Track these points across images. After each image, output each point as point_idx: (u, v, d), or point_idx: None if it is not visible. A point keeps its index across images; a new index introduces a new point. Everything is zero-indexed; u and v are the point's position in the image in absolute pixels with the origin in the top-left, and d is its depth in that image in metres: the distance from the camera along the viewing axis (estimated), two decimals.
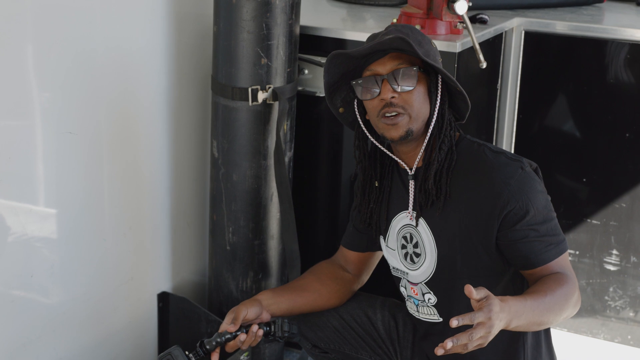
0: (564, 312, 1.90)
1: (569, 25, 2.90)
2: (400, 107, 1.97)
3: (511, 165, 1.97)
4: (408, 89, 1.97)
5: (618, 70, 2.84)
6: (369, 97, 2.00)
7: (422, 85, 2.00)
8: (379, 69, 1.99)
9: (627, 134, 2.85)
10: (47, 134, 2.28)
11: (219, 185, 2.58)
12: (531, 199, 1.94)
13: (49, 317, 2.39)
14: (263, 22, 2.42)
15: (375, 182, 2.12)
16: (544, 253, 1.95)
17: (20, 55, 2.17)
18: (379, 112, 2.00)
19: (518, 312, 1.78)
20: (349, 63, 2.02)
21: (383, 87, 1.98)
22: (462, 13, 2.48)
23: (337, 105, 2.12)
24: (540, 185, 1.99)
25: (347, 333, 2.27)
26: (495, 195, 1.94)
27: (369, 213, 2.15)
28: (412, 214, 2.07)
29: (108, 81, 2.42)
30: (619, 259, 2.95)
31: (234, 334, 2.04)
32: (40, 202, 2.32)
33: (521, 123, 2.98)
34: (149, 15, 2.53)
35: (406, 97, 1.98)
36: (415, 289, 2.13)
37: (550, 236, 1.96)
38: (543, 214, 1.96)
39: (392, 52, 1.99)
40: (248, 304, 2.10)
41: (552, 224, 1.98)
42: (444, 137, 2.01)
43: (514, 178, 1.95)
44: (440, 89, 2.01)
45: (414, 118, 1.98)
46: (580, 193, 2.97)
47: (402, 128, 1.98)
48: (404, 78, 1.97)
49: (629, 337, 2.99)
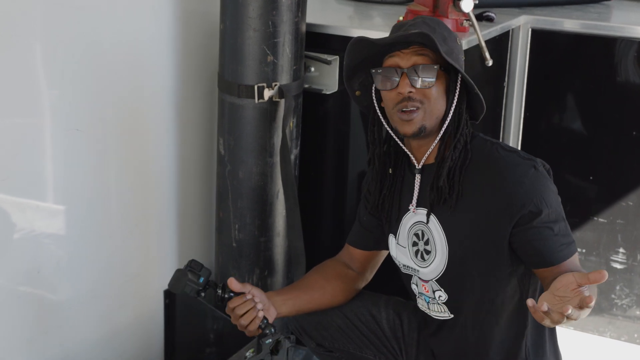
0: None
1: (576, 23, 2.89)
2: (417, 101, 1.97)
3: (524, 165, 1.96)
4: (427, 86, 1.97)
5: (625, 68, 2.83)
6: (387, 87, 2.00)
7: (440, 82, 1.99)
8: (401, 62, 1.98)
9: (634, 132, 2.84)
10: (54, 131, 2.29)
11: (225, 183, 2.59)
12: (545, 198, 1.94)
13: (55, 313, 2.40)
14: (269, 20, 2.42)
15: (389, 169, 2.12)
16: (559, 252, 1.94)
17: (27, 53, 2.18)
18: (395, 104, 1.99)
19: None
20: (371, 49, 2.01)
21: (402, 80, 1.97)
22: (468, 10, 2.48)
23: (355, 88, 2.11)
24: (552, 185, 1.99)
25: (351, 332, 2.27)
26: (509, 195, 1.94)
27: (382, 200, 2.14)
28: (416, 209, 2.07)
29: (115, 79, 2.43)
30: (625, 257, 2.94)
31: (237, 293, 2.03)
32: (47, 199, 2.33)
33: (528, 121, 2.98)
34: (156, 13, 2.53)
35: (424, 93, 1.97)
36: (426, 286, 2.13)
37: (563, 236, 1.96)
38: (556, 213, 1.96)
39: (416, 45, 1.98)
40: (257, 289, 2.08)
41: (564, 224, 1.98)
42: (460, 137, 2.01)
43: (527, 177, 1.94)
44: (458, 88, 2.01)
45: (428, 114, 1.98)
46: (587, 191, 2.97)
47: (416, 124, 1.98)
48: (424, 74, 1.96)
49: (635, 336, 2.98)
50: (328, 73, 2.65)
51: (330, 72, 2.64)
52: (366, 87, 2.11)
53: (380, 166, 2.13)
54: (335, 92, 2.65)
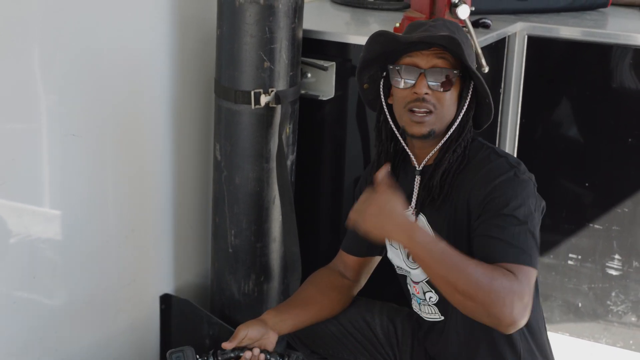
0: (475, 285, 1.75)
1: (572, 30, 2.90)
2: (431, 104, 1.96)
3: (505, 169, 1.95)
4: (444, 90, 1.96)
5: (621, 75, 2.84)
6: (403, 86, 1.98)
7: (455, 88, 1.99)
8: (420, 62, 1.97)
9: (630, 139, 2.85)
10: (51, 136, 2.29)
11: (221, 188, 2.59)
12: (510, 200, 1.89)
13: (51, 318, 2.40)
14: (266, 26, 2.42)
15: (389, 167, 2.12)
16: (504, 251, 1.84)
17: (25, 58, 2.18)
18: (407, 103, 1.98)
19: (418, 230, 1.79)
20: (391, 44, 1.99)
21: (419, 81, 1.96)
22: (464, 17, 2.48)
23: (363, 80, 2.10)
24: (526, 194, 1.91)
25: (345, 339, 2.27)
26: (478, 192, 1.92)
27: None
28: (415, 211, 2.08)
29: (112, 84, 2.43)
30: (621, 263, 2.95)
31: (237, 354, 2.06)
32: (44, 204, 2.33)
33: (524, 127, 2.99)
34: (153, 19, 2.54)
35: (439, 97, 1.96)
36: (417, 287, 2.13)
37: (520, 241, 1.85)
38: (516, 219, 1.87)
39: (437, 47, 1.97)
40: (249, 324, 2.11)
41: (526, 234, 1.87)
42: (461, 141, 2.01)
43: (500, 178, 1.92)
44: (470, 95, 2.00)
45: (440, 119, 1.98)
46: (583, 198, 2.97)
47: (427, 127, 1.97)
48: (442, 78, 1.96)
49: (630, 342, 2.98)
50: (325, 79, 2.66)
51: (327, 78, 2.65)
52: (374, 82, 2.09)
53: (380, 164, 2.11)
54: (331, 98, 2.66)
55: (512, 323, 1.77)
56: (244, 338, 2.08)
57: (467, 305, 1.79)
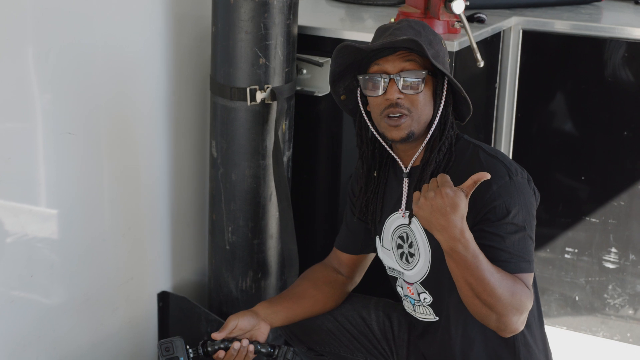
0: (497, 298, 1.84)
1: (567, 24, 2.90)
2: (405, 108, 1.96)
3: (499, 172, 1.94)
4: (415, 92, 1.96)
5: (616, 68, 2.85)
6: (375, 94, 1.99)
7: (428, 87, 1.98)
8: (388, 67, 1.97)
9: (625, 132, 2.86)
10: (47, 135, 2.29)
11: (218, 185, 2.59)
12: (508, 206, 1.91)
13: (49, 317, 2.40)
14: (261, 23, 2.42)
15: (374, 172, 2.12)
16: (505, 262, 1.90)
17: (19, 57, 2.18)
18: (382, 110, 1.98)
19: (467, 244, 1.81)
20: (357, 54, 2.00)
21: (390, 86, 1.96)
22: (459, 12, 2.48)
23: (340, 92, 2.10)
24: (523, 196, 1.94)
25: (341, 335, 2.27)
26: (475, 196, 1.91)
27: (366, 202, 2.14)
28: (405, 212, 2.08)
29: (107, 82, 2.43)
30: (617, 257, 2.95)
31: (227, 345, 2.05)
32: (40, 203, 2.33)
33: (519, 122, 2.99)
34: (147, 16, 2.53)
35: (412, 99, 1.96)
36: (411, 288, 2.13)
37: (518, 249, 1.90)
38: (516, 225, 1.91)
39: (403, 50, 1.98)
40: (240, 314, 2.10)
41: (525, 238, 1.92)
42: (445, 139, 2.01)
43: (497, 184, 1.92)
44: (445, 91, 2.00)
45: (416, 120, 1.98)
46: (579, 191, 2.97)
47: (404, 130, 1.97)
48: (412, 80, 1.96)
49: (628, 335, 2.99)
50: (320, 75, 2.66)
51: (322, 74, 2.65)
52: (351, 91, 2.10)
53: (366, 169, 2.13)
54: (327, 94, 2.66)
55: (515, 331, 1.93)
56: (234, 328, 2.07)
57: (481, 311, 1.88)
